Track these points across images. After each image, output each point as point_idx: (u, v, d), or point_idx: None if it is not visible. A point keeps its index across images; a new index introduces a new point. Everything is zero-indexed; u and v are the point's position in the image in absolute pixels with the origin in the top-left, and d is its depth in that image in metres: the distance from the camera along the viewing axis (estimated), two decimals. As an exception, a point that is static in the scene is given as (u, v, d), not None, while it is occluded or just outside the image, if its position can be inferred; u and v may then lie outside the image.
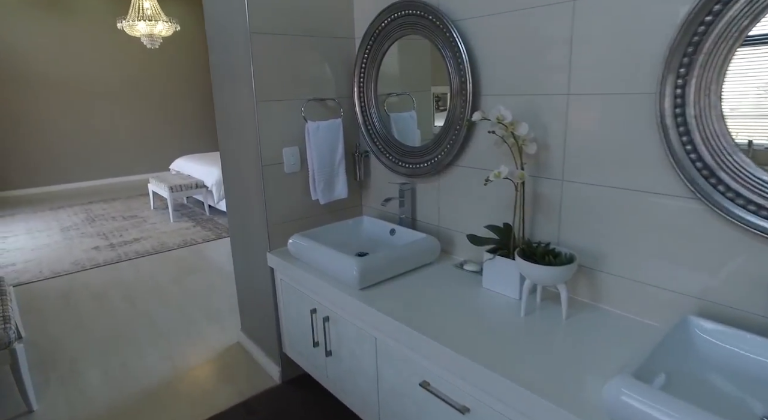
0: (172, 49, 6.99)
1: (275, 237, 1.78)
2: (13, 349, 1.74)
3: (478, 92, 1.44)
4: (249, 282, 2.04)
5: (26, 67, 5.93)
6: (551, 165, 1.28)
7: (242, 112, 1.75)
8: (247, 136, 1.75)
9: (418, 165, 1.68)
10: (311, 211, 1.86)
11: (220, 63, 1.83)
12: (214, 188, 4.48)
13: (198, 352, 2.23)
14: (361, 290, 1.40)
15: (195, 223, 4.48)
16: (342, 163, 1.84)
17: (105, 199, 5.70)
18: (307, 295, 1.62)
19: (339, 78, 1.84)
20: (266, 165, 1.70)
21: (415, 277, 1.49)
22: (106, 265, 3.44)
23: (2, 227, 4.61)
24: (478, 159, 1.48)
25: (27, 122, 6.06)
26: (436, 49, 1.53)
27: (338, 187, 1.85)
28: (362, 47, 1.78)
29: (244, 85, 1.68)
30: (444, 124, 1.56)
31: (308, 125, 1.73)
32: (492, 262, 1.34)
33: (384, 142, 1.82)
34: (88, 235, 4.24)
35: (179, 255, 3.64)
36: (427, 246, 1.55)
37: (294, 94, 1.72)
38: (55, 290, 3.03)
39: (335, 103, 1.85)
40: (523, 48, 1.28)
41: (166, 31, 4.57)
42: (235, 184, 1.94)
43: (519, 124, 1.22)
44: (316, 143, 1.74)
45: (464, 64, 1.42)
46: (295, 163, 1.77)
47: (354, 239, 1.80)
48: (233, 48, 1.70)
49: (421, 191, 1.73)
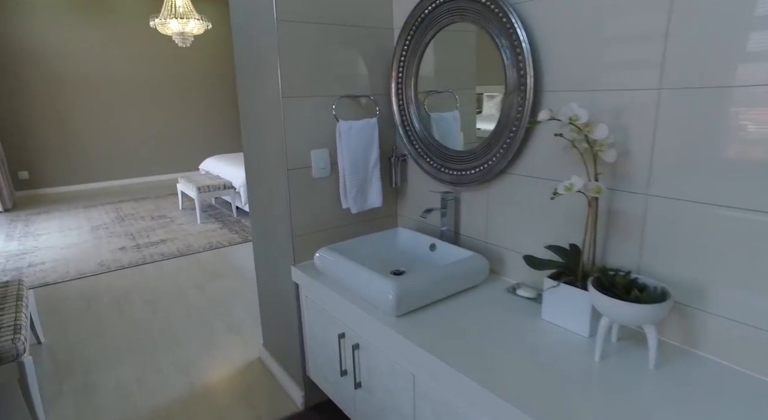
0: (203, 47, 6.99)
1: (301, 249, 1.61)
2: (21, 362, 1.62)
3: (539, 88, 1.22)
4: (272, 295, 1.88)
5: (62, 67, 6.02)
6: (633, 175, 1.05)
7: (267, 111, 1.58)
8: (271, 137, 1.58)
9: (464, 172, 1.47)
10: (341, 221, 1.68)
11: (244, 56, 1.67)
12: (241, 190, 4.38)
13: (217, 367, 2.08)
14: (397, 317, 1.20)
15: (222, 225, 4.39)
16: (376, 168, 1.64)
17: (135, 198, 5.72)
18: (334, 316, 1.43)
19: (374, 73, 1.65)
20: (292, 169, 1.53)
21: (460, 302, 1.28)
22: (130, 267, 3.36)
23: (38, 225, 4.64)
24: (538, 166, 1.26)
25: (64, 121, 6.16)
26: (489, 38, 1.32)
27: (372, 195, 1.66)
28: (402, 38, 1.59)
29: (270, 80, 1.51)
30: (496, 126, 1.34)
31: (340, 125, 1.54)
32: (555, 291, 1.11)
33: (424, 145, 1.62)
34: (116, 234, 4.20)
35: (204, 258, 3.53)
36: (474, 266, 1.34)
37: (324, 90, 1.55)
38: (78, 292, 2.97)
39: (370, 100, 1.66)
40: (598, 33, 1.06)
41: (198, 29, 4.51)
42: (259, 189, 1.78)
43: (596, 125, 1.00)
44: (349, 145, 1.56)
45: (524, 55, 1.21)
46: (325, 167, 1.59)
47: (388, 254, 1.60)
48: (258, 38, 1.53)
49: (467, 202, 1.52)
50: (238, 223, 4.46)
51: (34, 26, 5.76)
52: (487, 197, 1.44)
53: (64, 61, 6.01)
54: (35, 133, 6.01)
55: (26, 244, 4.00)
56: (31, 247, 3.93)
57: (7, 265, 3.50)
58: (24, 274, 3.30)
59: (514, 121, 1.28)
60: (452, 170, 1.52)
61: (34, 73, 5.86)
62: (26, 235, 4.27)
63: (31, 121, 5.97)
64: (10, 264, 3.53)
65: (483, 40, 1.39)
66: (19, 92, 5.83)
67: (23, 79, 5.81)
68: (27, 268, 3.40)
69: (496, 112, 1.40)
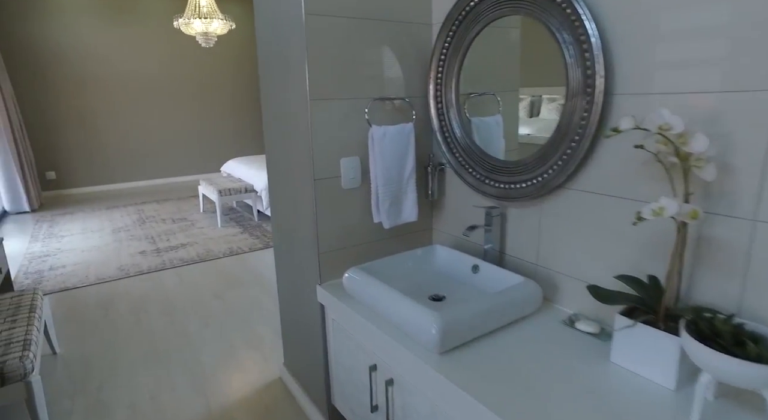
0: (227, 48, 6.96)
1: (327, 267, 1.46)
2: (29, 381, 1.52)
3: (610, 90, 1.04)
4: (294, 313, 1.74)
5: (87, 68, 6.05)
6: (735, 196, 0.86)
7: (292, 114, 1.44)
8: (297, 143, 1.44)
9: (513, 185, 1.30)
10: (371, 236, 1.53)
11: (268, 54, 1.54)
12: (263, 193, 4.28)
13: (235, 386, 1.96)
14: (440, 355, 1.04)
15: (242, 229, 4.30)
16: (412, 179, 1.49)
17: (158, 200, 5.69)
18: (365, 345, 1.28)
19: (410, 73, 1.50)
20: (320, 179, 1.38)
21: (511, 335, 1.11)
22: (149, 273, 3.28)
23: (62, 226, 4.64)
24: (605, 182, 1.08)
25: (89, 122, 6.19)
26: (546, 33, 1.15)
27: (407, 208, 1.50)
28: (443, 34, 1.43)
29: (296, 80, 1.37)
30: (554, 134, 1.17)
31: (373, 130, 1.39)
32: (630, 332, 0.93)
33: (466, 153, 1.46)
34: (137, 237, 4.15)
35: (224, 264, 3.43)
36: (527, 294, 1.17)
37: (355, 91, 1.40)
38: (96, 298, 2.89)
39: (406, 103, 1.51)
40: (688, 23, 0.88)
41: (221, 29, 4.43)
42: (281, 199, 1.64)
43: (693, 136, 0.82)
44: (382, 153, 1.40)
45: (592, 52, 1.03)
46: (355, 177, 1.44)
47: (425, 275, 1.44)
48: (284, 34, 1.39)
49: (515, 219, 1.35)
50: (259, 227, 4.36)
51: (61, 28, 5.80)
52: (540, 215, 1.27)
53: (90, 62, 6.04)
54: (62, 134, 6.06)
55: (49, 246, 3.98)
56: (53, 248, 3.90)
57: (29, 268, 3.47)
58: (45, 277, 3.26)
59: (577, 128, 1.10)
60: (498, 183, 1.35)
61: (61, 74, 5.90)
62: (50, 236, 4.26)
63: (58, 122, 6.02)
64: (33, 266, 3.50)
65: (534, 36, 1.22)
66: (47, 93, 5.88)
67: (51, 80, 5.86)
68: (48, 272, 3.36)
69: (553, 117, 1.23)
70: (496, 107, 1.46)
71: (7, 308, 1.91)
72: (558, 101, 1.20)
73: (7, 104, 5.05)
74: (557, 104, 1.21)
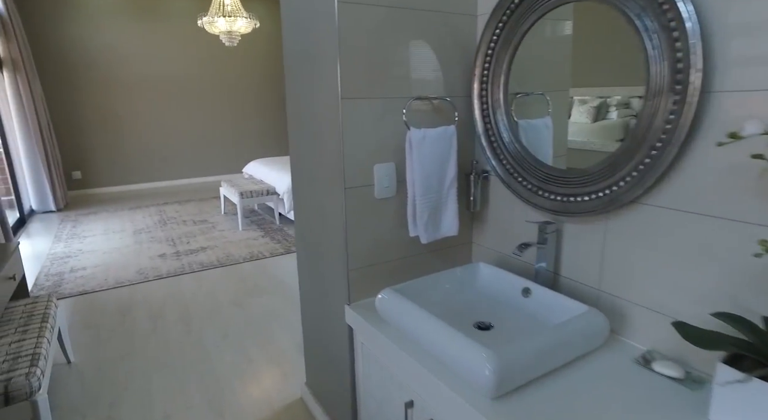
0: (250, 47, 6.91)
1: (357, 285, 1.31)
2: (34, 401, 1.42)
3: (707, 87, 0.87)
4: (318, 332, 1.60)
5: (112, 69, 6.08)
6: None
7: (320, 115, 1.30)
8: (325, 147, 1.30)
9: (573, 198, 1.12)
10: (405, 251, 1.37)
11: (295, 47, 1.40)
12: (285, 196, 4.17)
13: (253, 405, 1.82)
14: (493, 399, 0.88)
15: (264, 233, 4.20)
16: (453, 187, 1.33)
17: (179, 201, 5.66)
18: (400, 378, 1.12)
19: (451, 70, 1.34)
20: (351, 187, 1.24)
21: (575, 375, 0.94)
22: (168, 277, 3.20)
23: (85, 226, 4.63)
24: (699, 198, 0.90)
25: (114, 122, 6.22)
26: (622, 20, 0.97)
27: (446, 221, 1.34)
28: (491, 26, 1.27)
29: (325, 76, 1.23)
30: (629, 140, 1.00)
31: (411, 133, 1.24)
32: (740, 388, 0.75)
33: (515, 160, 1.29)
34: (157, 239, 4.09)
35: (244, 270, 3.33)
36: (593, 326, 1.00)
37: (392, 89, 1.24)
38: (114, 303, 2.81)
39: (447, 103, 1.35)
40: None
41: (245, 27, 4.35)
42: (306, 208, 1.50)
43: (837, 144, 0.64)
44: (421, 158, 1.25)
45: (687, 40, 0.85)
46: (390, 185, 1.29)
47: (468, 298, 1.28)
48: (314, 24, 1.25)
49: (572, 236, 1.17)
50: (281, 231, 4.26)
51: (88, 29, 5.84)
52: (605, 233, 1.09)
53: (115, 63, 6.07)
54: (88, 134, 6.10)
55: (71, 247, 3.95)
56: (75, 249, 3.87)
57: (51, 269, 3.43)
58: (65, 280, 3.20)
59: (659, 133, 0.93)
60: (554, 195, 1.18)
61: (88, 75, 5.94)
62: (73, 237, 4.25)
63: (84, 122, 6.05)
64: (54, 268, 3.46)
65: (596, 26, 1.05)
66: (74, 93, 5.92)
67: (77, 81, 5.90)
68: (68, 274, 3.31)
69: (617, 120, 1.05)
70: (545, 108, 1.30)
71: (19, 317, 1.83)
72: (622, 102, 1.02)
73: (37, 105, 5.09)
74: (623, 105, 1.03)
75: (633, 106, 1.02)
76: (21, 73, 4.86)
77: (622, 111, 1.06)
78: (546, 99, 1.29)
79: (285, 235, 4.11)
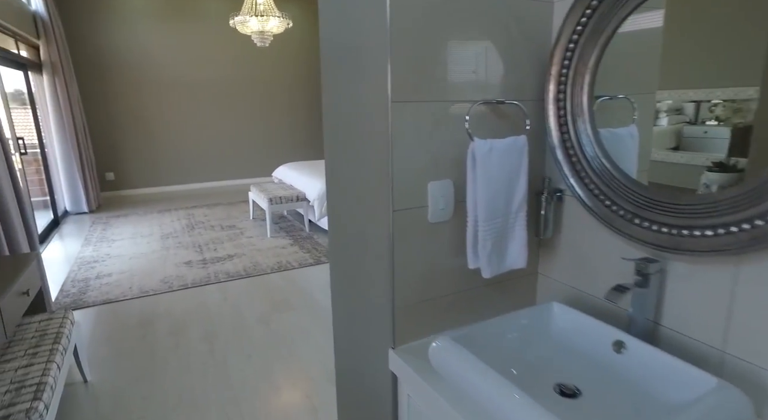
0: (282, 47, 6.83)
1: (404, 325, 1.09)
2: (35, 441, 1.26)
3: None
4: (354, 373, 1.39)
5: (146, 71, 6.09)
6: None
7: (363, 119, 1.09)
8: (369, 159, 1.09)
9: (689, 231, 0.87)
10: (461, 284, 1.15)
11: (334, 38, 1.20)
12: (315, 203, 4.00)
13: (278, 445, 1.63)
14: None
15: (293, 241, 4.04)
16: (522, 210, 1.09)
17: (208, 204, 5.59)
18: (458, 452, 0.90)
19: (519, 68, 1.11)
20: (400, 210, 1.02)
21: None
22: (193, 287, 3.07)
23: (115, 229, 4.60)
24: None
25: (146, 124, 6.23)
26: None
27: (513, 251, 1.10)
28: (576, 11, 1.03)
29: (372, 75, 1.02)
30: (783, 157, 0.74)
31: (475, 145, 1.01)
32: None
33: (600, 178, 1.04)
34: (184, 245, 3.99)
35: (271, 281, 3.16)
36: (729, 410, 0.74)
37: (450, 91, 1.02)
38: (137, 315, 2.69)
39: (516, 109, 1.12)
40: None
41: (278, 27, 4.22)
42: (343, 231, 1.30)
43: None
44: (487, 175, 1.02)
45: None
46: (446, 207, 1.07)
47: (540, 348, 1.04)
48: (357, 11, 1.05)
49: (683, 278, 0.92)
50: (310, 239, 4.09)
51: (121, 31, 5.86)
52: (736, 278, 0.84)
53: (148, 65, 6.08)
54: (122, 135, 6.13)
55: (100, 251, 3.89)
56: (103, 254, 3.81)
57: (78, 275, 3.36)
58: (90, 287, 3.12)
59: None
60: (659, 225, 0.92)
61: (121, 77, 5.96)
62: (102, 240, 4.20)
63: (118, 124, 6.09)
64: (81, 273, 3.39)
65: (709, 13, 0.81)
66: (109, 95, 5.96)
67: (111, 83, 5.93)
68: (94, 280, 3.23)
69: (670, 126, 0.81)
70: (630, 114, 1.06)
71: (31, 336, 1.69)
72: (728, 103, 0.77)
73: (73, 108, 5.12)
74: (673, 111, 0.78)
75: (686, 112, 0.91)
76: (59, 75, 4.89)
77: (674, 117, 0.94)
78: (631, 103, 1.06)
79: (315, 244, 3.94)
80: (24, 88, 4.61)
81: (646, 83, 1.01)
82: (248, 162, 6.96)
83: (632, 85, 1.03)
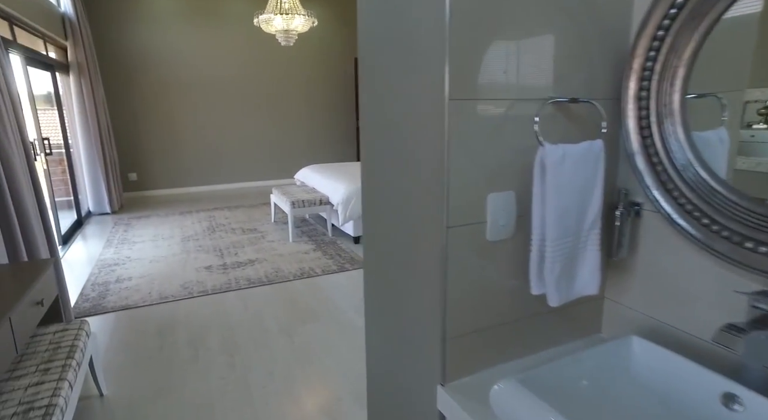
0: (307, 47, 6.74)
1: (456, 358, 0.94)
2: (41, 472, 1.15)
3: None
4: (390, 405, 1.24)
5: (169, 72, 6.07)
6: None
7: (412, 119, 0.94)
8: (417, 166, 0.94)
9: (827, 259, 0.70)
10: (521, 311, 0.99)
11: (377, 28, 1.05)
12: (339, 207, 3.87)
13: (303, 476, 1.50)
14: None
15: (315, 246, 3.92)
16: (596, 227, 0.93)
17: (230, 206, 5.53)
18: None
19: (591, 62, 0.95)
20: (455, 226, 0.87)
21: None
22: (213, 294, 2.97)
23: (136, 230, 4.56)
24: None
25: (169, 125, 6.22)
26: None
27: (583, 274, 0.94)
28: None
29: (424, 69, 0.87)
30: None
31: (545, 151, 0.86)
32: None
33: (694, 191, 0.88)
34: (205, 249, 3.91)
35: (294, 289, 3.04)
36: None
37: (515, 87, 0.87)
38: (156, 322, 2.60)
39: (591, 109, 0.96)
40: None
41: (303, 26, 4.12)
42: (382, 246, 1.15)
43: None
44: (558, 186, 0.87)
45: None
46: (507, 223, 0.91)
47: (624, 396, 0.87)
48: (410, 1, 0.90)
49: (813, 316, 0.74)
50: (333, 244, 3.96)
51: (146, 32, 5.86)
52: None
53: (172, 66, 6.07)
54: (145, 136, 6.13)
55: (121, 253, 3.84)
56: (123, 256, 3.76)
57: (98, 278, 3.30)
58: (110, 291, 3.05)
59: None
60: (780, 249, 0.75)
61: (145, 78, 5.96)
62: (123, 242, 4.16)
63: (141, 124, 6.09)
64: (102, 276, 3.33)
65: None
66: (133, 96, 5.96)
67: (135, 84, 5.94)
68: (114, 285, 3.16)
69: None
70: (719, 116, 0.90)
71: (45, 349, 1.60)
72: None
73: (98, 108, 5.12)
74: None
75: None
76: (85, 76, 4.90)
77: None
78: (721, 102, 0.89)
79: (338, 250, 3.82)
80: (51, 88, 4.62)
81: (736, 79, 0.85)
82: (270, 163, 6.89)
83: (722, 82, 0.87)
